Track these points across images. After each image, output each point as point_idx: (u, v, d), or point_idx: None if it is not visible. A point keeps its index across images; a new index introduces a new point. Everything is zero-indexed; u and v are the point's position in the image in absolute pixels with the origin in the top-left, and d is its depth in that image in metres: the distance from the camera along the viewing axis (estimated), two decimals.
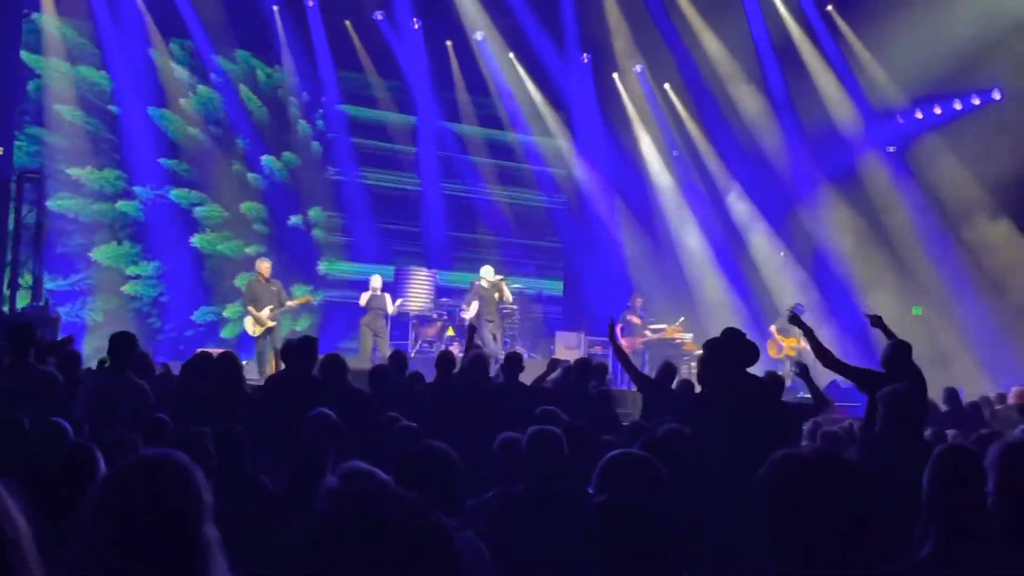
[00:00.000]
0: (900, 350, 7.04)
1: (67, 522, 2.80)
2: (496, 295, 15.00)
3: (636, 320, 16.58)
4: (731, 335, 6.41)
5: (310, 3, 18.15)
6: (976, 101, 17.65)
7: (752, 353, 6.34)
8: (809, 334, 7.41)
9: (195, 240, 17.46)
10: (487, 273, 15.17)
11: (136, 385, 6.90)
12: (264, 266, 14.36)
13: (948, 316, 16.95)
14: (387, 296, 15.39)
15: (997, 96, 17.41)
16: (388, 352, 12.43)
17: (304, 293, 16.29)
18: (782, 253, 19.53)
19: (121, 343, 7.03)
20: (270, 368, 13.29)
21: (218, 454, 4.75)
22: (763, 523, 2.11)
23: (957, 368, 15.30)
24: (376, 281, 15.49)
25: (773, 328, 16.58)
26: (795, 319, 7.59)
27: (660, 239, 20.40)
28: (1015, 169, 15.82)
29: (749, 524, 2.22)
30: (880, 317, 7.65)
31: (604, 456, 3.66)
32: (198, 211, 17.51)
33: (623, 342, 14.20)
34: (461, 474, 3.25)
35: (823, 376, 13.27)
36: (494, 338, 14.75)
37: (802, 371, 7.77)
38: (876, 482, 2.14)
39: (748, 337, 6.45)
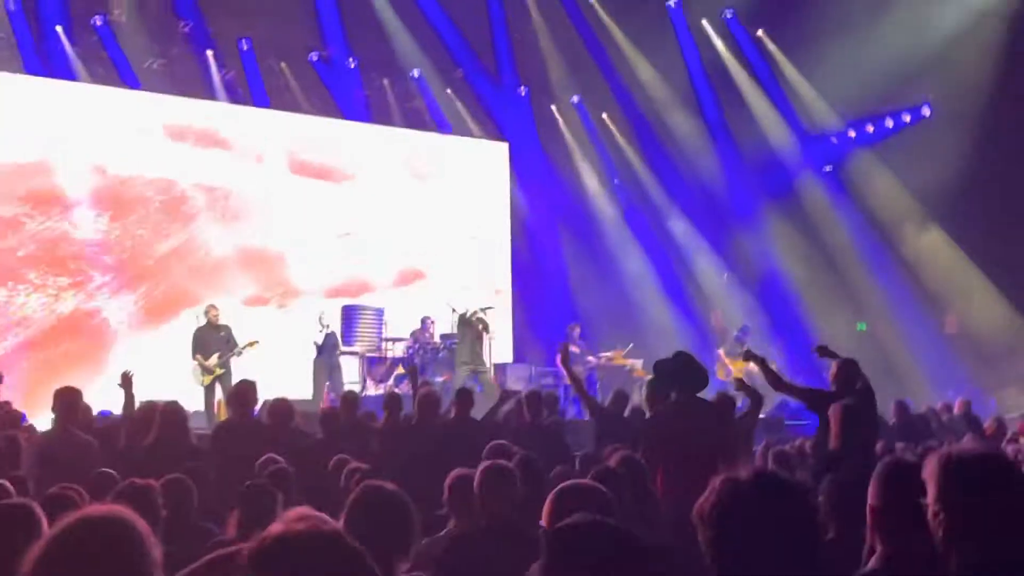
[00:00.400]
0: (848, 368, 7.14)
1: None
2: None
3: (575, 349, 16.56)
4: (681, 358, 6.43)
5: (244, 47, 18.07)
6: (907, 118, 18.01)
7: (702, 376, 6.36)
8: (761, 363, 7.49)
9: None
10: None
11: (82, 440, 6.79)
12: (212, 312, 14.03)
13: (892, 329, 17.19)
14: (338, 335, 15.26)
15: (927, 112, 17.76)
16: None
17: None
18: (725, 275, 19.72)
19: (66, 398, 6.92)
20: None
21: (166, 505, 4.69)
22: (707, 547, 2.12)
23: (904, 380, 15.52)
24: (326, 321, 15.25)
25: (720, 351, 16.70)
26: (749, 355, 7.66)
27: (604, 266, 20.50)
28: (944, 181, 16.13)
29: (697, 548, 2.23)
30: (825, 347, 7.74)
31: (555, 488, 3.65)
32: None
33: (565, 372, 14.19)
34: (413, 515, 3.22)
35: (770, 396, 13.41)
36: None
37: (739, 384, 7.89)
38: (814, 500, 2.16)
39: (697, 360, 6.47)
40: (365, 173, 19.78)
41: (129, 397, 7.56)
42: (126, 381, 7.57)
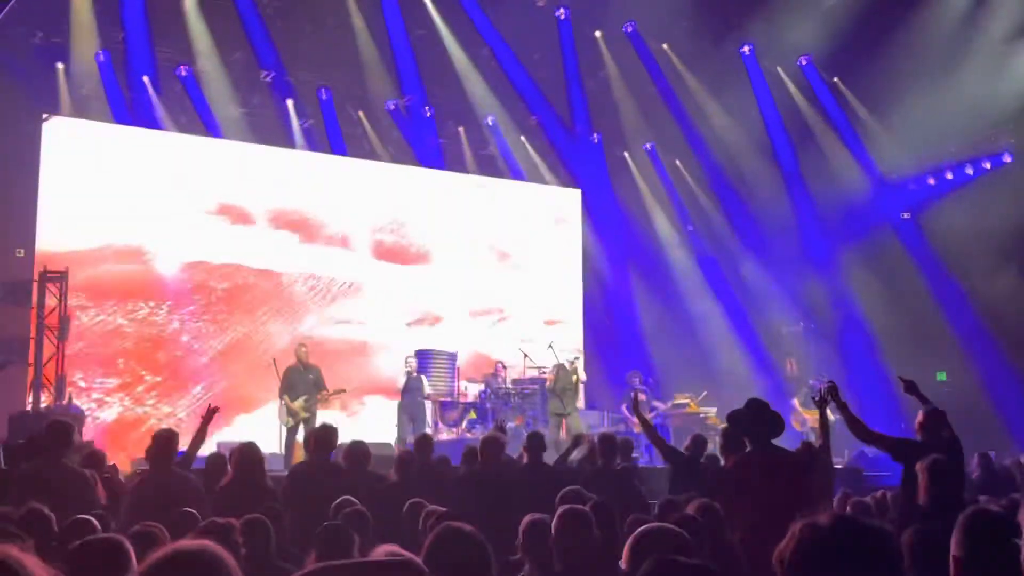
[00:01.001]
0: (936, 417, 7.01)
1: None
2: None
3: (642, 396, 16.35)
4: (754, 406, 6.36)
5: (323, 96, 18.46)
6: (987, 165, 17.73)
7: (777, 424, 6.28)
8: (843, 408, 7.33)
9: None
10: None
11: (186, 478, 7.03)
12: (302, 350, 13.94)
13: (973, 379, 16.79)
14: (423, 378, 15.29)
15: (1008, 159, 17.47)
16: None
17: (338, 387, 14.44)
18: (800, 324, 19.49)
19: (163, 441, 7.16)
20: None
21: (245, 544, 4.75)
22: None
23: (986, 432, 15.15)
24: (412, 363, 15.21)
25: (795, 401, 16.45)
26: (823, 401, 7.46)
27: (678, 313, 20.39)
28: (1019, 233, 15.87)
29: None
30: (914, 383, 7.59)
31: (634, 532, 3.63)
32: None
33: (634, 419, 14.10)
34: (490, 556, 3.23)
35: (847, 445, 13.17)
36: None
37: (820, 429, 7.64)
38: (896, 545, 2.12)
39: (771, 408, 6.40)
40: (438, 231, 19.97)
41: (203, 430, 7.72)
42: (209, 413, 7.74)
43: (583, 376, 15.84)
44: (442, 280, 19.89)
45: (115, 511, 6.60)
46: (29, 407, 14.01)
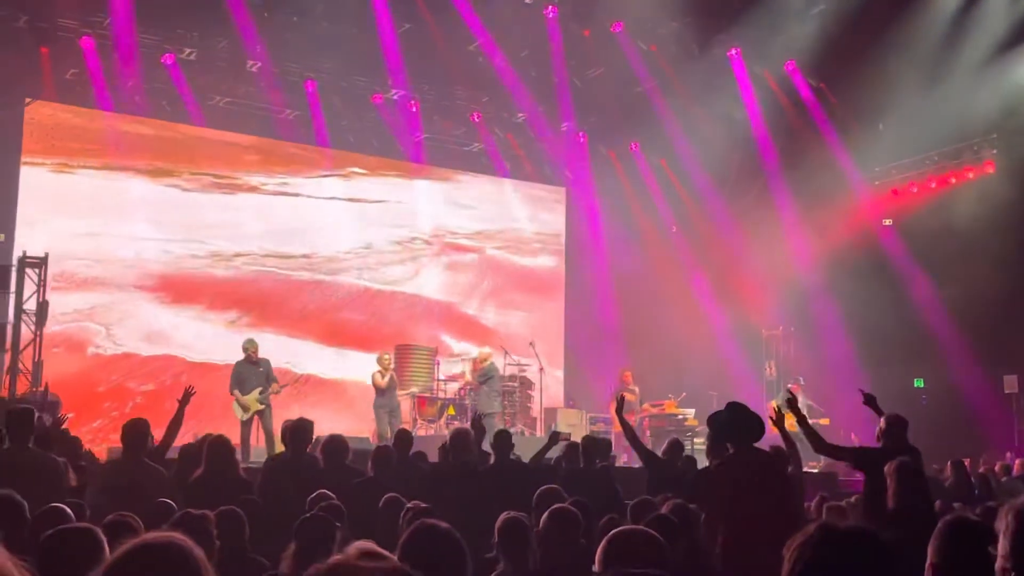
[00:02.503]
0: (898, 424, 7.05)
1: None
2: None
3: (631, 396, 16.26)
4: (734, 409, 6.39)
5: (309, 88, 18.36)
6: (971, 175, 17.77)
7: (756, 426, 6.31)
8: (802, 421, 7.41)
9: None
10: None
11: (153, 470, 6.87)
12: (252, 346, 13.95)
13: (949, 385, 16.84)
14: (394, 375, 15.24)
15: (991, 170, 17.53)
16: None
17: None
18: (780, 328, 19.52)
19: (135, 430, 7.00)
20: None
21: (220, 536, 4.73)
22: None
23: (963, 438, 15.24)
24: (387, 360, 15.20)
25: (772, 404, 16.29)
26: (790, 404, 7.54)
27: (658, 314, 20.35)
28: (1004, 234, 15.94)
29: None
30: (873, 396, 7.64)
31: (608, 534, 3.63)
32: None
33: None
34: (466, 554, 3.22)
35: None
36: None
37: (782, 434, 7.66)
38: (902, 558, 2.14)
39: (750, 410, 6.43)
40: (419, 214, 20.04)
41: (179, 416, 7.58)
42: (186, 396, 7.63)
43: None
44: (423, 274, 19.89)
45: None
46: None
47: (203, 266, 17.90)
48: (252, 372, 13.69)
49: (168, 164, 17.78)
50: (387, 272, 19.67)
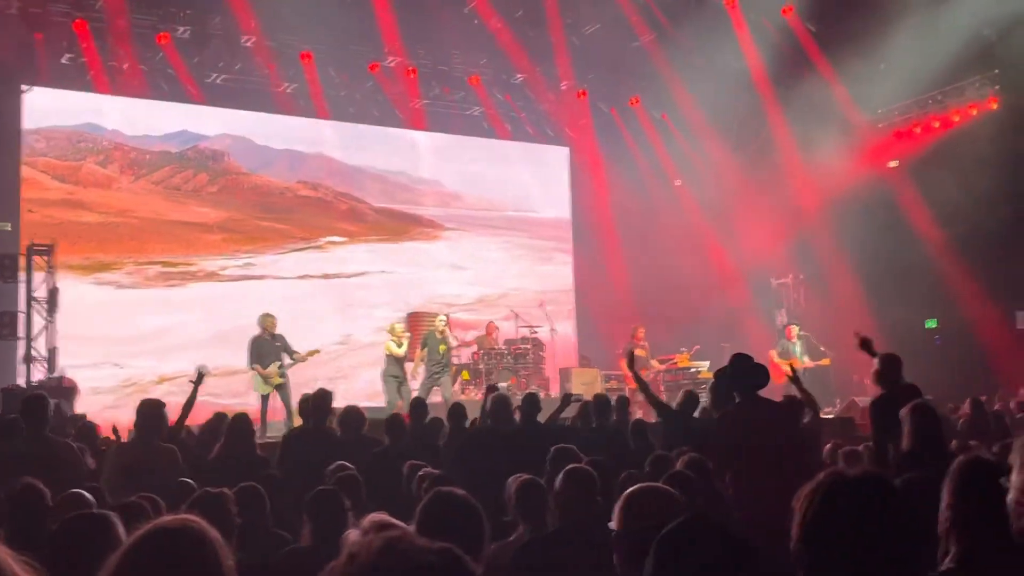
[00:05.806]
0: (893, 363, 7.02)
1: None
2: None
3: (642, 352, 16.05)
4: (737, 360, 6.40)
5: (306, 60, 18.22)
6: (974, 112, 17.62)
7: (761, 375, 6.33)
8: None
9: None
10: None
11: (165, 449, 6.79)
12: (269, 321, 13.99)
13: (962, 325, 16.79)
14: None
15: (995, 106, 17.37)
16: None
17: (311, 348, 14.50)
18: (789, 276, 19.43)
19: (148, 411, 6.95)
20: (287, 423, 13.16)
21: (240, 513, 4.75)
22: (803, 541, 2.10)
23: (977, 376, 15.22)
24: (401, 329, 15.15)
25: (773, 353, 16.16)
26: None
27: (668, 268, 20.28)
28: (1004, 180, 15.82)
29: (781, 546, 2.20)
30: (869, 340, 7.57)
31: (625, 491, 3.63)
32: None
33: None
34: (483, 520, 3.23)
35: (837, 394, 13.16)
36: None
37: (794, 379, 7.72)
38: (916, 501, 2.14)
39: (753, 360, 6.44)
40: (425, 181, 20.02)
41: (193, 395, 7.62)
42: (200, 379, 7.65)
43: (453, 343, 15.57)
44: (429, 241, 19.88)
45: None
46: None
47: None
48: (270, 347, 13.73)
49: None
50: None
